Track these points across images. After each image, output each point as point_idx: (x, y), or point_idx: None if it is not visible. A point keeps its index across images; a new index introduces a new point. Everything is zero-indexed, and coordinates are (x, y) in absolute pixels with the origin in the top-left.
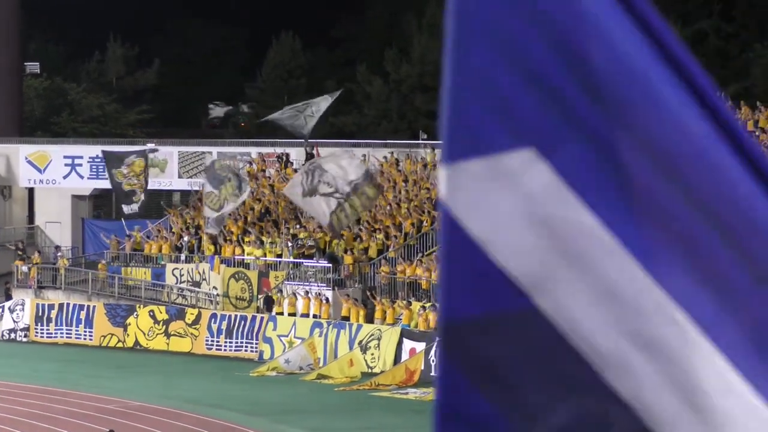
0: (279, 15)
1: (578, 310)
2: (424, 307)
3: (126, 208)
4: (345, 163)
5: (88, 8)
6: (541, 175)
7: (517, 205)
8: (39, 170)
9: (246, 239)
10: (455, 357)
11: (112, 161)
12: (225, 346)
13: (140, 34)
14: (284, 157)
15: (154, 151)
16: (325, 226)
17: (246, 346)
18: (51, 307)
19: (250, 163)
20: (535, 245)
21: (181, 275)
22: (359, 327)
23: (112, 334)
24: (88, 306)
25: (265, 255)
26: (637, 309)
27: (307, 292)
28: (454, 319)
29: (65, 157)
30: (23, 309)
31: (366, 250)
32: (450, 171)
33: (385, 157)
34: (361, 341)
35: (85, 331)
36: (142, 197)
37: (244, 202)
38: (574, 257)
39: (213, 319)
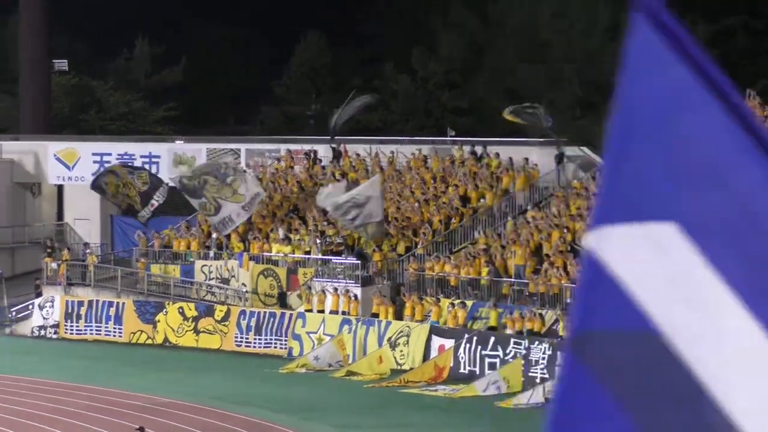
0: (305, 12)
1: (692, 340)
2: (452, 304)
3: (142, 215)
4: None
5: (113, 6)
6: (677, 243)
7: (654, 261)
8: (68, 167)
9: (274, 236)
10: (583, 355)
11: (99, 189)
12: (254, 342)
13: (166, 32)
14: (312, 154)
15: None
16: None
17: (275, 343)
18: (80, 303)
19: (278, 160)
20: (665, 292)
21: (210, 272)
22: (388, 324)
23: (142, 331)
24: (118, 303)
25: (293, 252)
26: (744, 349)
27: (335, 289)
28: (590, 328)
29: (94, 154)
30: (53, 306)
31: (394, 247)
32: (600, 230)
33: (413, 154)
34: (390, 338)
35: (114, 328)
36: (152, 205)
37: (257, 188)
38: (694, 303)
39: (242, 316)
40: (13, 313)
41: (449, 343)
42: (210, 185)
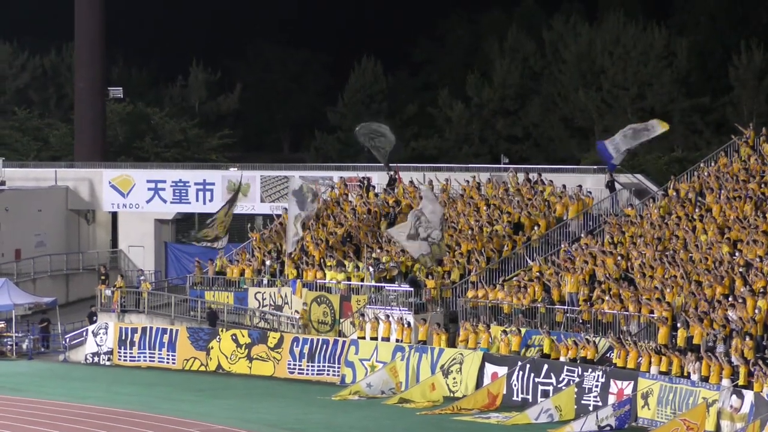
0: (360, 39)
1: None
2: (505, 332)
3: (197, 233)
4: (433, 206)
5: (170, 33)
6: None
7: None
8: (122, 194)
9: (328, 263)
10: None
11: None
12: (307, 369)
13: (222, 59)
14: (366, 182)
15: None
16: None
17: (328, 370)
18: (134, 330)
19: (332, 188)
20: None
21: (264, 299)
22: (441, 351)
23: (195, 358)
24: (171, 330)
25: (349, 279)
26: None
27: (387, 316)
28: None
29: (148, 181)
30: (106, 333)
31: (448, 274)
32: None
33: (467, 181)
34: (443, 365)
35: (168, 355)
36: (218, 233)
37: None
38: None
39: (295, 343)
40: (67, 340)
41: (502, 370)
42: (313, 203)
